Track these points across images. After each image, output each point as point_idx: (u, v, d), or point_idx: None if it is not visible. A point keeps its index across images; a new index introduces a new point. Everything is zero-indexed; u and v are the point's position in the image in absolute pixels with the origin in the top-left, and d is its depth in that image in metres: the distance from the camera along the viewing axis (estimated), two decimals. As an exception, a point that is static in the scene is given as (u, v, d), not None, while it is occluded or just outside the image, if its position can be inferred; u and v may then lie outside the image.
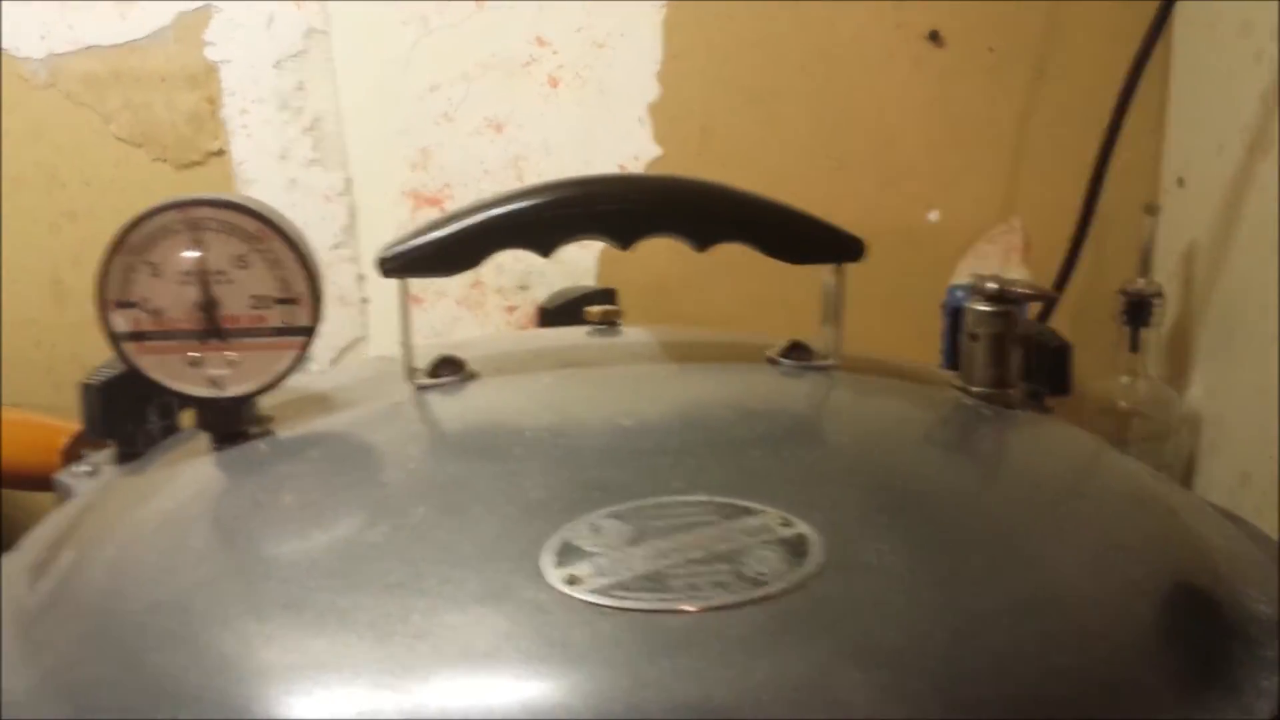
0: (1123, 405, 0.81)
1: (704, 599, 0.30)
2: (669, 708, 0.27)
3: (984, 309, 0.42)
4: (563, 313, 0.61)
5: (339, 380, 0.45)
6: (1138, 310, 0.82)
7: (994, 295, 0.41)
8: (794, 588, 0.31)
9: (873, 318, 0.63)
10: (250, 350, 0.40)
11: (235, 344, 0.40)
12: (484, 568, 0.32)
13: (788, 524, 0.34)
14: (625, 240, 0.41)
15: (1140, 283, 0.82)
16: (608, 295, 0.65)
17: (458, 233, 0.39)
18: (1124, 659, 0.31)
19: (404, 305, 0.41)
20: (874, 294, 0.94)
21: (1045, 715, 0.28)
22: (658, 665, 0.28)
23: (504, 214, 0.39)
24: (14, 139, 0.86)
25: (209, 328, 0.40)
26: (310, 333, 0.40)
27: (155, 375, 0.40)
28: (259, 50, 0.86)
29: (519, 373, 0.43)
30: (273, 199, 0.88)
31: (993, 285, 0.41)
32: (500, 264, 0.90)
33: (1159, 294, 0.82)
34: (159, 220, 0.38)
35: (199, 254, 0.39)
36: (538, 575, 0.31)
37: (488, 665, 0.28)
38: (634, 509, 0.34)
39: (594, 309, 0.50)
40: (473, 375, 0.42)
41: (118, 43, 0.85)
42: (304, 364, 0.40)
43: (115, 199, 0.88)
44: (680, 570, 0.32)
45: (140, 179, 0.87)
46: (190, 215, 0.38)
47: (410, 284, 0.40)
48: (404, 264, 0.40)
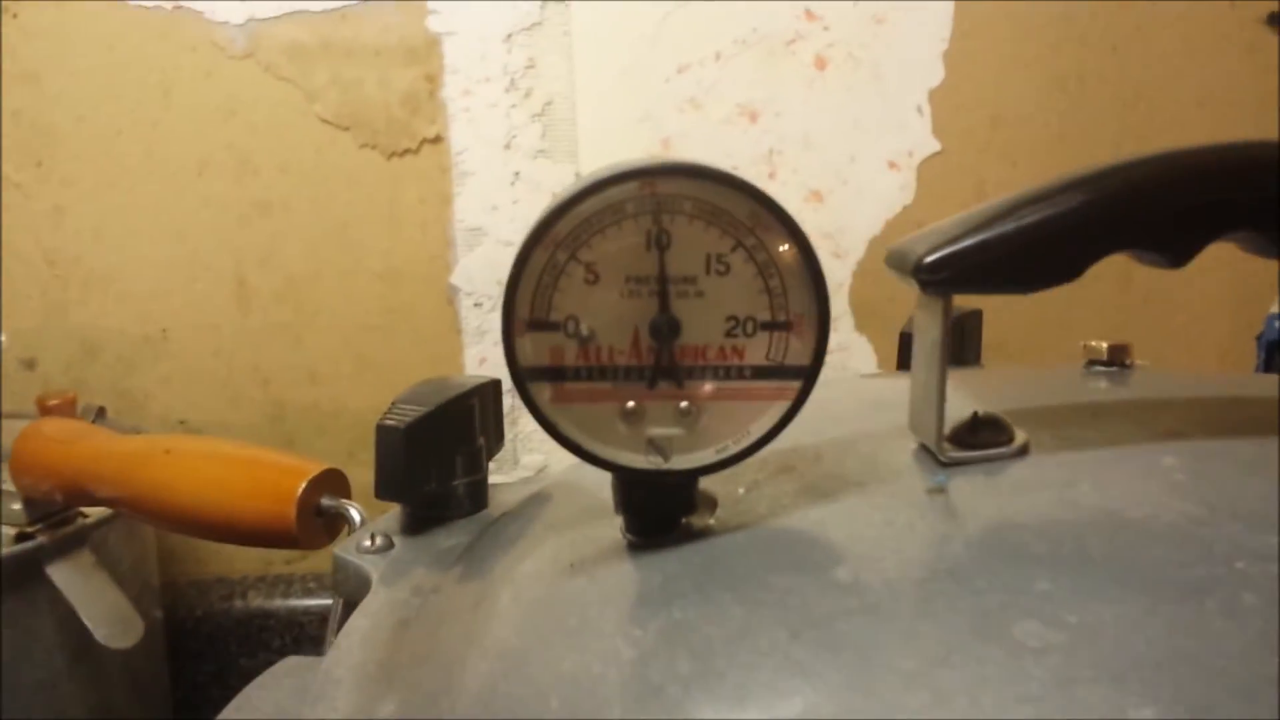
0: None
1: None
2: None
3: None
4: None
5: (800, 441, 0.30)
6: None
7: None
8: None
9: (1175, 334, 0.47)
10: (715, 400, 0.26)
11: (694, 390, 0.26)
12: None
13: None
14: None
15: None
16: (976, 317, 0.50)
17: (1064, 228, 0.25)
18: None
19: (944, 329, 0.27)
20: (1181, 305, 0.79)
21: None
22: None
23: (1127, 202, 0.25)
24: (204, 116, 0.74)
25: (665, 365, 0.26)
26: (811, 377, 0.26)
27: (575, 434, 0.26)
28: (489, 21, 0.73)
29: (1081, 443, 0.29)
30: (493, 194, 0.75)
31: None
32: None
33: None
34: (609, 195, 0.25)
35: (662, 251, 0.25)
36: None
37: None
38: None
39: (1096, 343, 0.35)
40: (1024, 447, 0.28)
41: (329, 8, 0.73)
42: (788, 424, 0.26)
43: (314, 189, 0.75)
44: None
45: (345, 167, 0.75)
46: (659, 190, 0.25)
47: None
48: (960, 272, 0.26)
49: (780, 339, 0.26)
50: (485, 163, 0.75)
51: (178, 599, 0.77)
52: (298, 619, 0.77)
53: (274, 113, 0.74)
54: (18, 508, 0.58)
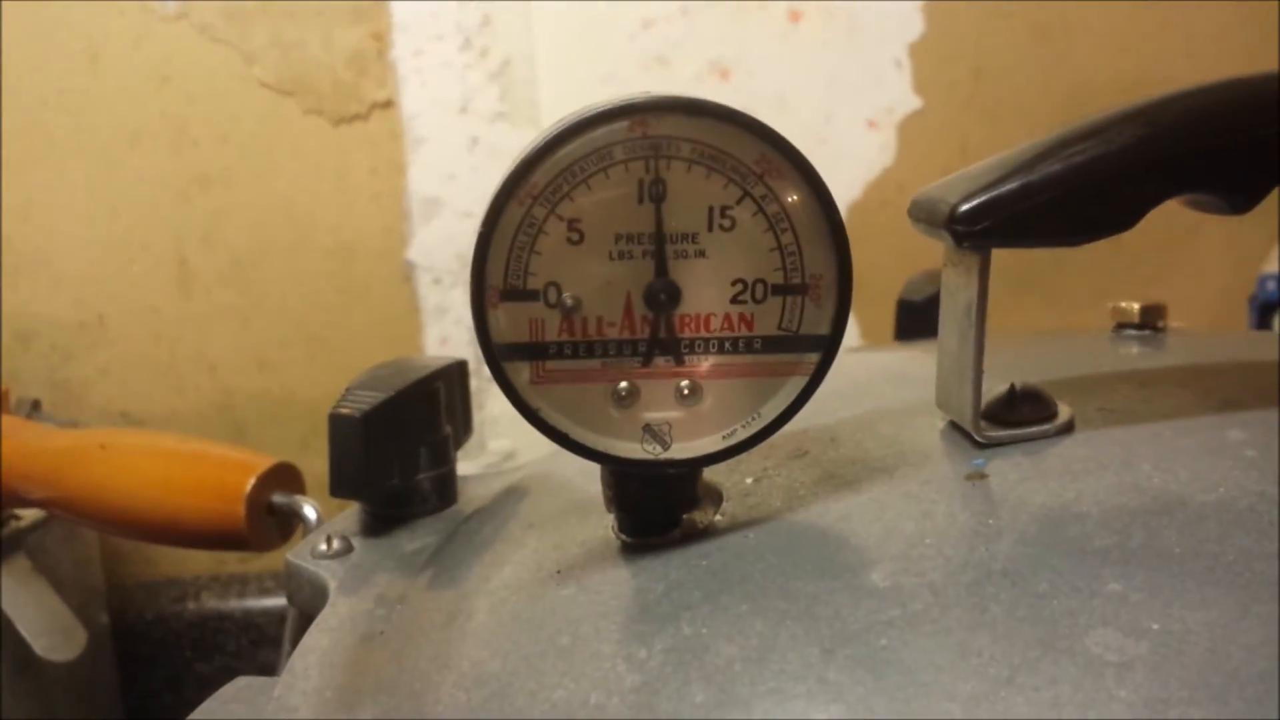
0: None
1: None
2: None
3: None
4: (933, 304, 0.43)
5: (811, 420, 0.26)
6: None
7: None
8: None
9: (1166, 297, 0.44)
10: (720, 378, 0.23)
11: (695, 366, 0.22)
12: None
13: None
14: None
15: None
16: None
17: (1111, 169, 0.21)
18: None
19: (984, 286, 0.23)
20: (1172, 267, 0.76)
21: None
22: None
23: (1195, 135, 0.22)
24: (135, 84, 0.69)
25: (662, 339, 0.22)
26: (831, 349, 0.22)
27: (559, 420, 0.22)
28: (440, -27, 0.68)
29: (1130, 417, 0.25)
30: (450, 162, 0.71)
31: None
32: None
33: None
34: (594, 137, 0.21)
35: (658, 203, 0.21)
36: None
37: None
38: None
39: (1128, 304, 0.32)
40: (1069, 423, 0.24)
41: (267, -38, 0.67)
42: (802, 405, 0.23)
43: (257, 161, 0.70)
44: None
45: (289, 136, 0.70)
46: (652, 131, 0.21)
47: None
48: (1001, 222, 0.22)
49: (795, 305, 0.22)
50: (440, 128, 0.70)
51: (126, 602, 0.73)
52: (254, 620, 0.72)
53: (211, 78, 0.69)
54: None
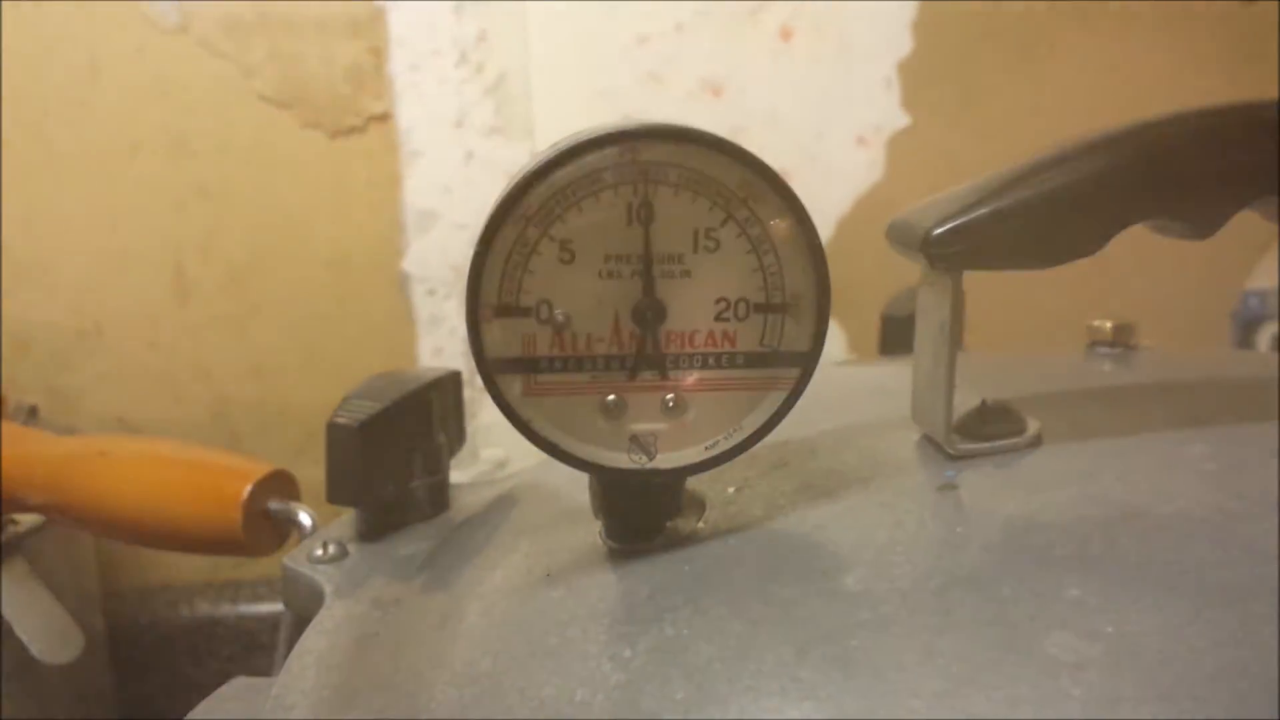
0: None
1: None
2: None
3: None
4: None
5: (793, 434, 0.27)
6: None
7: None
8: None
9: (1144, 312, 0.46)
10: (704, 392, 0.24)
11: (680, 380, 0.24)
12: None
13: None
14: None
15: None
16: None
17: (1079, 195, 0.23)
18: None
19: (958, 306, 0.24)
20: (1152, 281, 0.77)
21: None
22: None
23: (1158, 164, 0.23)
24: (136, 95, 0.70)
25: (648, 353, 0.23)
26: (810, 365, 0.24)
27: (548, 431, 0.23)
28: (437, -11, 0.69)
29: (1097, 432, 0.27)
30: (445, 175, 0.72)
31: None
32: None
33: None
34: (586, 162, 0.22)
35: (646, 226, 0.22)
36: None
37: None
38: None
39: (1101, 322, 0.33)
40: (1037, 437, 0.26)
41: (267, -22, 0.69)
42: (784, 416, 0.24)
43: (255, 172, 0.72)
44: None
45: (287, 148, 0.71)
46: (642, 157, 0.22)
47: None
48: (973, 245, 0.23)
49: (775, 322, 0.23)
50: (436, 141, 0.71)
51: (121, 607, 0.73)
52: (248, 626, 0.73)
53: (210, 91, 0.70)
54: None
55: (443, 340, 0.74)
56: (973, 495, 0.24)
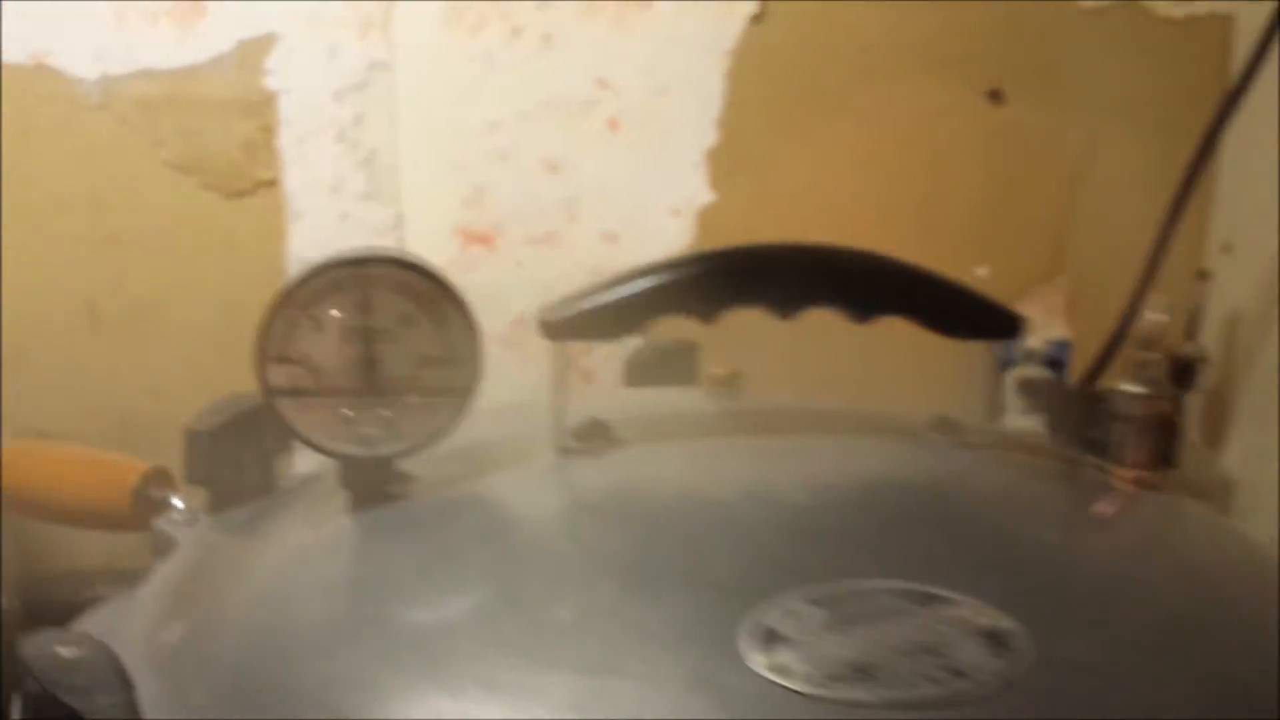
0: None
1: (917, 692, 0.30)
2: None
3: (1139, 392, 0.42)
4: (652, 367, 0.61)
5: (475, 437, 0.43)
6: (1184, 374, 0.82)
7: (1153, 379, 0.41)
8: (1006, 684, 0.30)
9: (914, 372, 0.61)
10: (407, 410, 0.39)
11: (392, 403, 0.39)
12: (683, 651, 0.31)
13: (982, 614, 0.33)
14: (788, 310, 0.40)
15: (1188, 347, 0.82)
16: (691, 351, 0.64)
17: (624, 299, 0.38)
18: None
19: (560, 368, 0.40)
20: (919, 346, 0.94)
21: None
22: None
23: (670, 281, 0.39)
24: (59, 160, 0.83)
25: (368, 386, 0.38)
26: (470, 394, 0.39)
27: (308, 433, 0.38)
28: (320, 81, 0.84)
29: (663, 440, 0.42)
30: (323, 232, 0.86)
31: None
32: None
33: (1205, 359, 0.82)
34: (330, 276, 0.37)
35: (366, 312, 0.38)
36: (740, 661, 0.30)
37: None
38: (829, 594, 0.33)
39: (717, 371, 0.49)
40: (619, 441, 0.41)
41: (176, 67, 0.83)
42: (458, 426, 0.39)
43: (160, 224, 0.85)
44: (885, 661, 0.31)
45: (188, 206, 0.85)
46: (364, 273, 0.37)
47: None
48: (567, 327, 0.39)
49: (450, 370, 0.39)
50: (316, 205, 0.86)
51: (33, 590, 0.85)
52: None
53: (125, 157, 0.84)
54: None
55: (318, 369, 0.88)
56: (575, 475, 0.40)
